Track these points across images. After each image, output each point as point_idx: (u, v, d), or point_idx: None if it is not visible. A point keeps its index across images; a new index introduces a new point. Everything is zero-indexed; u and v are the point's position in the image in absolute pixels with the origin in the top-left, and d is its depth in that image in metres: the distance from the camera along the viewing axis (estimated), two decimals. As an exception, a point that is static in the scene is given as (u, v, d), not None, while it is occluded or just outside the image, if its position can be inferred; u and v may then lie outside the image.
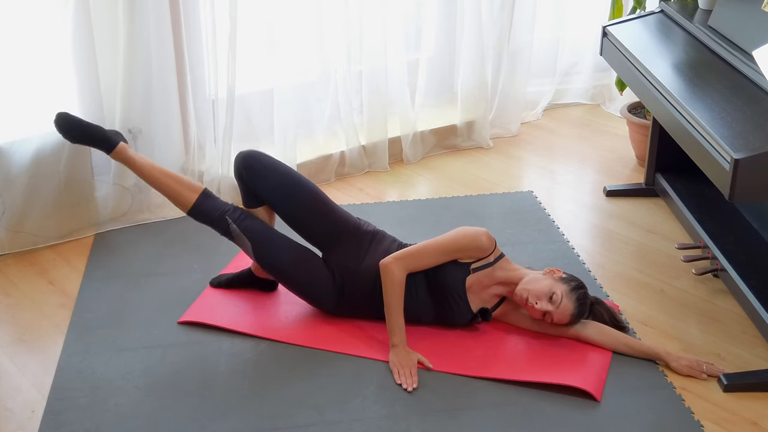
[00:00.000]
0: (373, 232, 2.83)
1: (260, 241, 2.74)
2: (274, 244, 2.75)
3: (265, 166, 2.82)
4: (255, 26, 3.59)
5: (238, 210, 2.78)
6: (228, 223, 2.75)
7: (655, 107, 2.95)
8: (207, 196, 2.79)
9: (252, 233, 2.74)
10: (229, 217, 2.75)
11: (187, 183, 2.80)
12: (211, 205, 2.77)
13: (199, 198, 2.77)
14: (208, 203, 2.78)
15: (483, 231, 2.70)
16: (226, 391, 2.50)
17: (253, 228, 2.75)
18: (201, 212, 2.77)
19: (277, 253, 2.74)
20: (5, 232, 3.21)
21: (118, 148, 2.82)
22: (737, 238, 3.10)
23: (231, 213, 2.76)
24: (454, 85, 4.28)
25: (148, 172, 2.81)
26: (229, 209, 2.77)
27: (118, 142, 2.83)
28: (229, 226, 2.75)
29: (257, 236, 2.74)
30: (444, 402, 2.46)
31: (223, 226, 2.76)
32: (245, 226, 2.74)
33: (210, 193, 2.81)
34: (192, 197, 2.77)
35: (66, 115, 2.84)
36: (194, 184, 2.81)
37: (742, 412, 2.45)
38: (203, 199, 2.77)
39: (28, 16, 3.18)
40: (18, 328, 2.82)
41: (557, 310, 2.62)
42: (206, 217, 2.78)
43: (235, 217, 2.75)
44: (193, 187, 2.79)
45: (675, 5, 3.45)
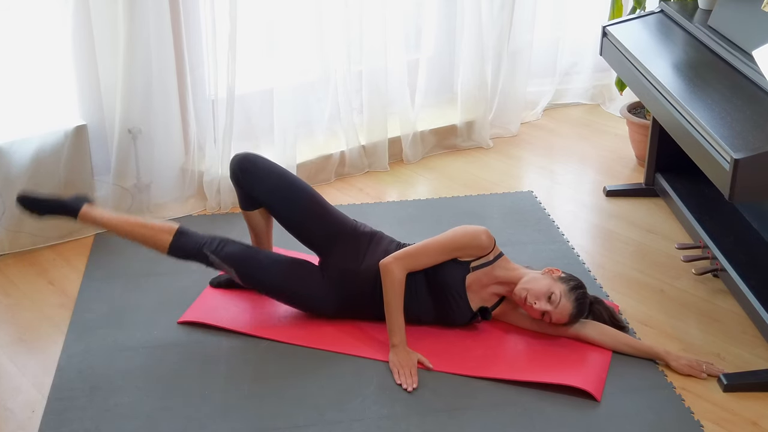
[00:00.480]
0: (371, 233, 2.83)
1: (243, 266, 2.72)
2: (257, 265, 2.74)
3: (261, 169, 2.82)
4: (255, 26, 3.58)
5: (215, 240, 2.74)
6: (207, 256, 2.73)
7: (655, 107, 2.95)
8: (182, 234, 2.73)
9: (233, 260, 2.72)
10: (207, 249, 2.72)
11: (159, 227, 2.75)
12: (187, 242, 2.73)
13: (174, 237, 2.72)
14: (184, 240, 2.73)
15: (482, 229, 2.70)
16: (226, 391, 2.50)
17: (234, 255, 2.72)
18: (179, 251, 2.73)
19: (263, 273, 2.73)
20: (5, 232, 3.21)
21: (82, 212, 2.78)
22: (737, 238, 3.10)
23: (208, 245, 2.72)
24: (454, 85, 4.28)
25: (118, 225, 2.76)
26: (206, 242, 2.73)
27: (80, 207, 2.79)
28: (209, 258, 2.73)
29: (238, 261, 2.72)
30: (444, 402, 2.46)
31: (203, 259, 2.74)
32: (225, 255, 2.72)
33: (185, 229, 2.75)
34: (167, 239, 2.72)
35: (22, 196, 2.82)
36: (166, 225, 2.76)
37: (742, 412, 2.45)
38: (178, 237, 2.72)
39: (28, 16, 3.18)
40: (18, 328, 2.82)
41: (556, 310, 2.62)
42: (185, 254, 2.74)
43: (212, 248, 2.72)
44: (165, 228, 2.74)
45: (675, 5, 3.45)
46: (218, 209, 3.58)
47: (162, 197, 3.54)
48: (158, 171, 3.49)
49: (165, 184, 3.52)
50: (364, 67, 3.86)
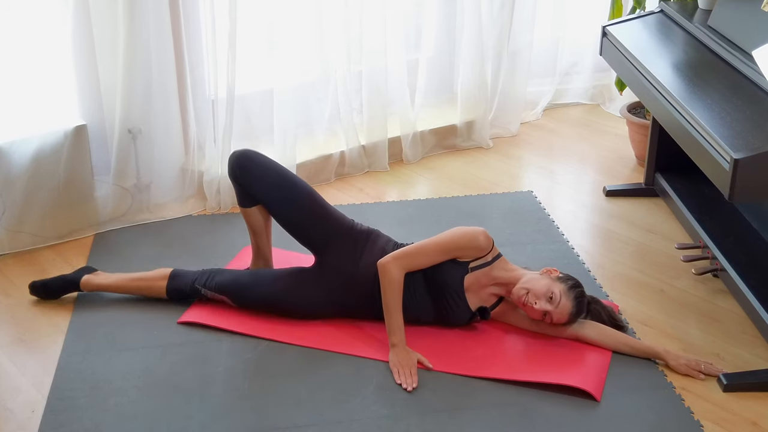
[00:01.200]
0: (367, 231, 2.83)
1: (234, 291, 2.80)
2: (248, 288, 2.79)
3: (259, 166, 2.82)
4: (255, 26, 3.58)
5: (205, 273, 2.84)
6: (199, 290, 2.81)
7: (655, 107, 2.95)
8: (174, 277, 2.85)
9: (224, 289, 2.80)
10: (198, 284, 2.82)
11: (153, 276, 2.87)
12: (180, 283, 2.84)
13: (168, 282, 2.84)
14: (177, 282, 2.84)
15: (480, 230, 2.70)
16: (226, 391, 2.50)
17: (222, 284, 2.81)
18: (175, 293, 2.85)
19: (255, 294, 2.79)
20: (5, 232, 3.21)
21: (82, 282, 2.90)
22: (737, 238, 3.10)
23: (199, 280, 2.82)
24: (454, 85, 4.28)
25: (119, 286, 2.90)
26: (197, 278, 2.83)
27: (81, 277, 2.91)
28: (201, 292, 2.81)
29: (230, 289, 2.80)
30: (444, 402, 2.46)
31: (198, 295, 2.83)
32: (215, 286, 2.80)
33: (177, 271, 2.86)
34: (162, 284, 2.84)
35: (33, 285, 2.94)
36: (160, 273, 2.87)
37: (741, 411, 2.45)
38: (172, 281, 2.84)
39: (28, 16, 3.18)
40: (18, 328, 2.82)
41: (556, 310, 2.62)
42: (182, 294, 2.84)
43: (203, 282, 2.81)
44: (160, 275, 2.86)
45: (675, 5, 3.45)
46: (218, 209, 3.58)
47: (162, 197, 3.54)
48: (158, 171, 3.49)
49: (165, 184, 3.52)
50: (364, 67, 3.86)
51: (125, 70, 3.26)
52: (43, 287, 2.92)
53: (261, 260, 2.99)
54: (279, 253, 3.09)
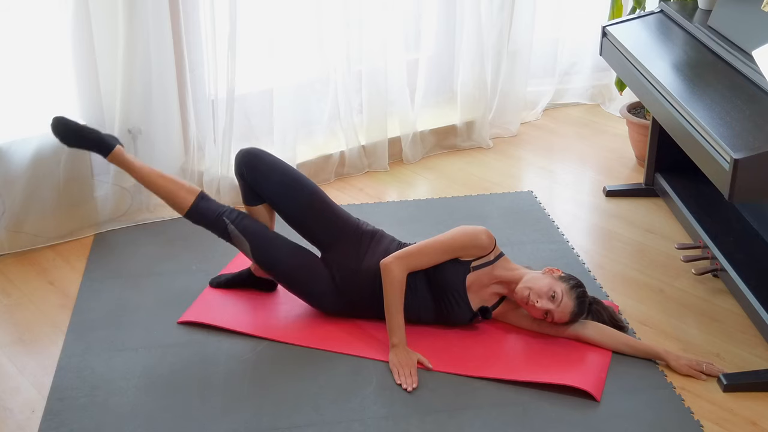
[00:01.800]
0: (372, 231, 2.83)
1: (259, 242, 2.74)
2: (272, 245, 2.75)
3: (266, 164, 2.82)
4: (255, 26, 3.59)
5: (235, 211, 2.79)
6: (226, 224, 2.75)
7: (655, 107, 2.95)
8: (204, 198, 2.79)
9: (251, 234, 2.74)
10: (227, 218, 2.75)
11: (183, 185, 2.80)
12: (208, 207, 2.78)
13: (196, 200, 2.77)
14: (206, 205, 2.78)
15: (482, 229, 2.70)
16: (226, 391, 2.50)
17: (251, 228, 2.75)
18: (198, 214, 2.77)
19: (276, 254, 2.74)
20: (5, 232, 3.21)
21: (115, 151, 2.81)
22: (737, 238, 3.10)
23: (228, 214, 2.76)
24: (454, 85, 4.28)
25: (146, 174, 2.80)
26: (226, 210, 2.78)
27: (115, 146, 2.83)
28: (227, 227, 2.75)
29: (256, 237, 2.74)
30: (444, 402, 2.47)
31: (221, 227, 2.76)
32: (243, 227, 2.75)
33: (206, 195, 2.81)
34: (189, 199, 2.77)
35: (62, 118, 2.83)
36: (191, 187, 2.80)
37: (741, 411, 2.45)
38: (200, 201, 2.77)
39: (28, 16, 3.18)
40: (18, 328, 2.82)
41: (558, 309, 2.62)
42: (204, 218, 2.78)
43: (232, 218, 2.76)
44: (190, 189, 2.79)
45: (675, 5, 3.45)
46: (218, 209, 3.57)
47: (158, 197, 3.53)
48: (158, 171, 3.49)
49: (165, 184, 3.52)
50: (364, 67, 3.86)
51: (125, 70, 3.26)
52: (75, 131, 2.80)
53: (262, 259, 2.99)
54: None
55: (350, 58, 3.80)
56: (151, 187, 2.81)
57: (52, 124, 2.83)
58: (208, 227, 2.79)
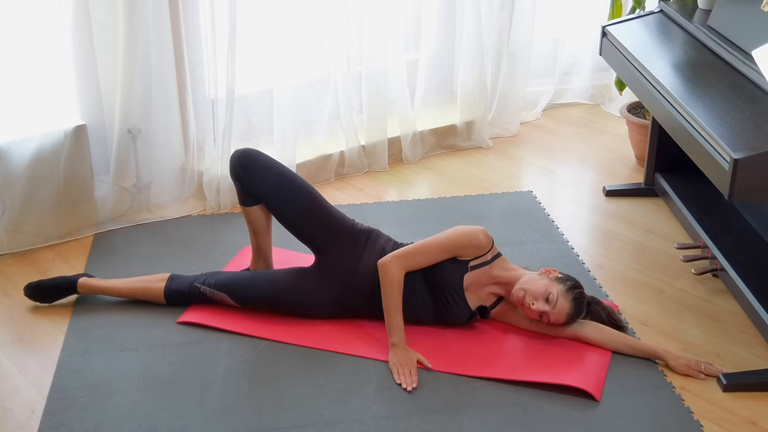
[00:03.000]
0: (367, 231, 2.84)
1: (234, 288, 2.80)
2: (248, 285, 2.80)
3: (261, 165, 2.83)
4: (255, 26, 3.58)
5: (204, 274, 2.85)
6: (199, 289, 2.82)
7: (655, 107, 2.95)
8: (173, 279, 2.86)
9: (223, 286, 2.81)
10: (197, 283, 2.82)
11: (151, 279, 2.89)
12: (179, 285, 2.84)
13: (167, 284, 2.84)
14: (176, 284, 2.85)
15: (480, 229, 2.70)
16: (226, 391, 2.50)
17: (222, 282, 2.81)
18: (174, 294, 2.84)
19: (255, 291, 2.79)
20: (5, 232, 3.21)
21: (80, 282, 2.90)
22: (737, 238, 3.10)
23: (197, 279, 2.84)
24: (454, 85, 4.28)
25: (117, 289, 2.89)
26: (195, 278, 2.85)
27: (77, 280, 2.90)
28: (200, 290, 2.81)
29: (229, 286, 2.80)
30: (444, 402, 2.47)
31: (197, 293, 2.83)
32: (215, 283, 2.81)
33: (175, 275, 2.87)
34: (160, 286, 2.84)
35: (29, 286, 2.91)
36: (158, 276, 2.88)
37: (741, 411, 2.45)
38: (170, 283, 2.85)
39: (28, 16, 3.18)
40: (18, 328, 2.82)
41: (553, 310, 2.62)
42: (180, 295, 2.84)
43: (202, 280, 2.83)
44: (159, 278, 2.88)
45: (674, 5, 3.45)
46: (218, 209, 3.58)
47: (162, 197, 3.54)
48: (158, 171, 3.49)
49: (165, 184, 3.52)
50: (364, 67, 3.86)
51: (125, 70, 3.26)
52: (39, 288, 2.90)
53: (261, 260, 2.99)
54: (279, 252, 3.09)
55: (350, 58, 3.80)
56: (128, 296, 2.90)
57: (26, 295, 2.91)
58: (189, 301, 2.85)
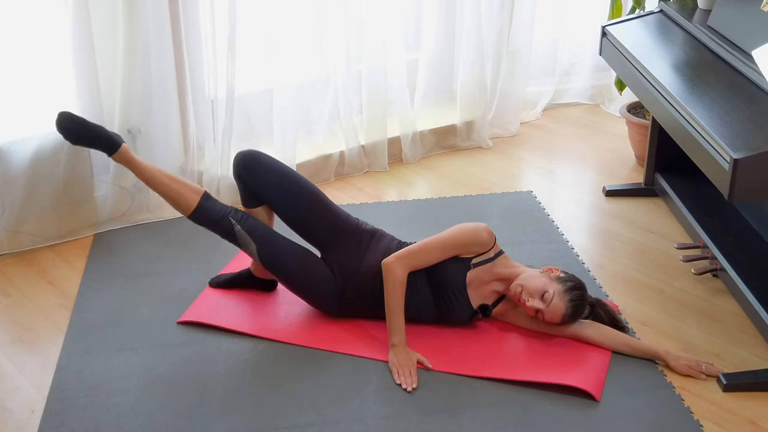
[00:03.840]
0: (371, 230, 2.84)
1: (265, 242, 2.73)
2: (278, 246, 2.75)
3: (264, 166, 2.82)
4: (255, 26, 3.59)
5: (240, 212, 2.77)
6: (232, 225, 2.73)
7: (655, 107, 2.95)
8: (208, 198, 2.76)
9: (257, 235, 2.73)
10: (233, 218, 2.73)
11: (188, 185, 2.77)
12: (213, 207, 2.75)
13: (201, 200, 2.74)
14: (211, 204, 2.75)
15: (483, 226, 2.70)
16: (226, 391, 2.50)
17: (257, 229, 2.74)
18: (203, 214, 2.74)
19: (281, 255, 2.74)
20: (5, 232, 3.22)
21: (121, 149, 2.75)
22: (737, 238, 3.10)
23: (233, 214, 2.74)
24: (454, 85, 4.28)
25: (151, 174, 2.76)
26: (231, 211, 2.76)
27: (121, 144, 2.77)
28: (233, 227, 2.72)
29: (262, 238, 2.73)
30: (444, 402, 2.47)
31: (227, 227, 2.73)
32: (249, 227, 2.73)
33: (211, 195, 2.78)
34: (194, 199, 2.73)
35: (68, 113, 2.76)
36: (195, 187, 2.77)
37: (741, 411, 2.45)
38: (205, 201, 2.74)
39: (28, 16, 3.18)
40: (17, 328, 2.82)
41: (548, 309, 2.62)
42: (209, 219, 2.74)
43: (238, 218, 2.74)
44: (195, 189, 2.76)
45: (674, 5, 3.45)
46: (218, 209, 3.57)
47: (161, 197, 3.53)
48: (158, 171, 3.49)
49: (165, 184, 3.52)
50: (364, 67, 3.86)
51: (125, 71, 3.26)
52: (79, 124, 2.72)
53: (261, 260, 2.99)
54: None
55: (350, 58, 3.80)
56: (157, 187, 2.76)
57: (57, 119, 2.75)
58: (213, 227, 2.76)
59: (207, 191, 2.78)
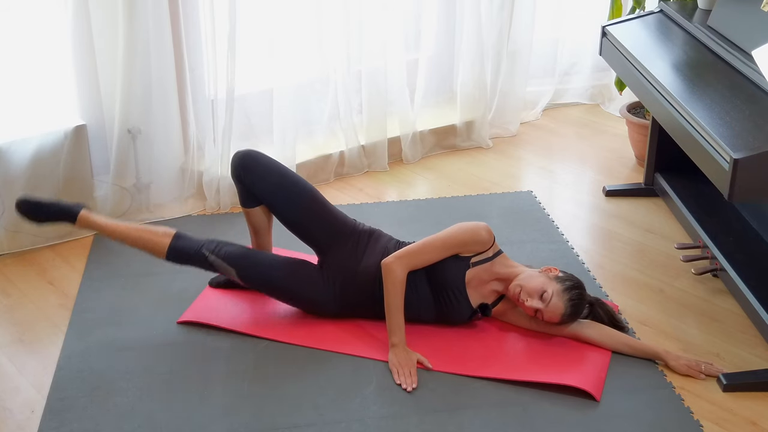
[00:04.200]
0: (369, 231, 2.84)
1: (243, 264, 2.72)
2: (257, 264, 2.74)
3: (262, 166, 2.82)
4: (255, 26, 3.58)
5: (213, 241, 2.76)
6: (205, 256, 2.72)
7: (655, 107, 2.95)
8: (179, 238, 2.74)
9: (233, 259, 2.72)
10: (205, 250, 2.72)
11: (157, 231, 2.76)
12: (185, 245, 2.74)
13: (172, 241, 2.73)
14: (182, 244, 2.74)
15: (482, 225, 2.71)
16: (226, 391, 2.50)
17: (232, 254, 2.73)
18: (177, 253, 2.73)
19: (263, 272, 2.73)
20: (5, 232, 3.22)
21: (80, 216, 2.78)
22: (737, 238, 3.10)
23: (206, 246, 2.73)
24: (454, 85, 4.28)
25: (117, 230, 2.77)
26: (204, 243, 2.74)
27: (80, 211, 2.79)
28: (208, 258, 2.72)
29: (238, 261, 2.72)
30: (444, 402, 2.47)
31: (201, 259, 2.73)
32: (224, 255, 2.72)
33: (182, 234, 2.76)
34: (165, 242, 2.73)
35: (23, 199, 2.79)
36: (165, 230, 2.77)
37: (741, 411, 2.45)
38: (176, 241, 2.73)
39: (28, 16, 3.18)
40: (18, 328, 2.82)
41: (547, 309, 2.62)
42: (183, 257, 2.74)
43: (211, 248, 2.73)
44: (164, 233, 2.75)
45: (674, 5, 3.45)
46: (218, 209, 3.58)
47: (161, 197, 3.53)
48: (158, 171, 3.49)
49: (164, 184, 3.52)
50: (364, 67, 3.86)
51: (125, 71, 3.26)
52: (35, 205, 2.77)
53: (261, 260, 2.98)
54: (279, 252, 3.08)
55: (350, 58, 3.80)
56: (127, 240, 2.76)
57: (15, 207, 2.79)
58: (191, 263, 2.75)
59: (178, 231, 2.76)
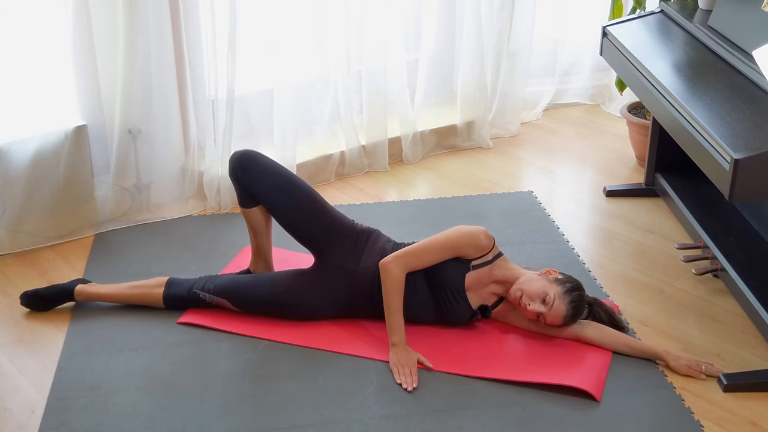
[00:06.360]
0: (367, 231, 2.84)
1: (234, 293, 2.78)
2: (249, 288, 2.78)
3: (260, 166, 2.83)
4: (255, 26, 3.58)
5: (202, 278, 2.83)
6: (198, 295, 2.79)
7: (655, 107, 2.95)
8: (171, 285, 2.83)
9: (223, 291, 2.78)
10: (196, 288, 2.80)
11: (149, 283, 2.85)
12: (177, 290, 2.82)
13: (165, 290, 2.81)
14: (174, 289, 2.82)
15: (481, 229, 2.70)
16: (226, 391, 2.50)
17: (222, 286, 2.79)
18: (173, 300, 2.82)
19: (254, 295, 2.77)
20: (5, 232, 3.21)
21: (77, 291, 2.86)
22: (737, 238, 3.10)
23: (196, 284, 2.81)
24: (454, 85, 4.28)
25: (115, 294, 2.87)
26: (194, 283, 2.81)
27: (75, 286, 2.87)
28: (200, 296, 2.79)
29: (229, 291, 2.78)
30: (444, 402, 2.47)
31: (195, 299, 2.80)
32: (215, 288, 2.78)
33: (173, 279, 2.84)
34: (159, 292, 2.82)
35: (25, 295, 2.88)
36: (156, 280, 2.85)
37: (741, 411, 2.45)
38: (169, 288, 2.82)
39: (28, 16, 3.18)
40: (17, 328, 2.82)
41: (549, 312, 2.62)
42: (179, 301, 2.82)
43: (201, 285, 2.80)
44: (156, 284, 2.84)
45: (675, 5, 3.45)
46: (218, 209, 3.58)
47: (162, 197, 3.54)
48: (158, 171, 3.49)
49: (165, 184, 3.52)
50: (364, 67, 3.86)
51: (125, 71, 3.26)
52: (35, 297, 2.88)
53: (261, 260, 2.99)
54: (279, 252, 3.09)
55: (350, 58, 3.80)
56: (127, 301, 2.87)
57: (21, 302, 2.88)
58: (187, 306, 2.83)
59: (170, 278, 2.85)
